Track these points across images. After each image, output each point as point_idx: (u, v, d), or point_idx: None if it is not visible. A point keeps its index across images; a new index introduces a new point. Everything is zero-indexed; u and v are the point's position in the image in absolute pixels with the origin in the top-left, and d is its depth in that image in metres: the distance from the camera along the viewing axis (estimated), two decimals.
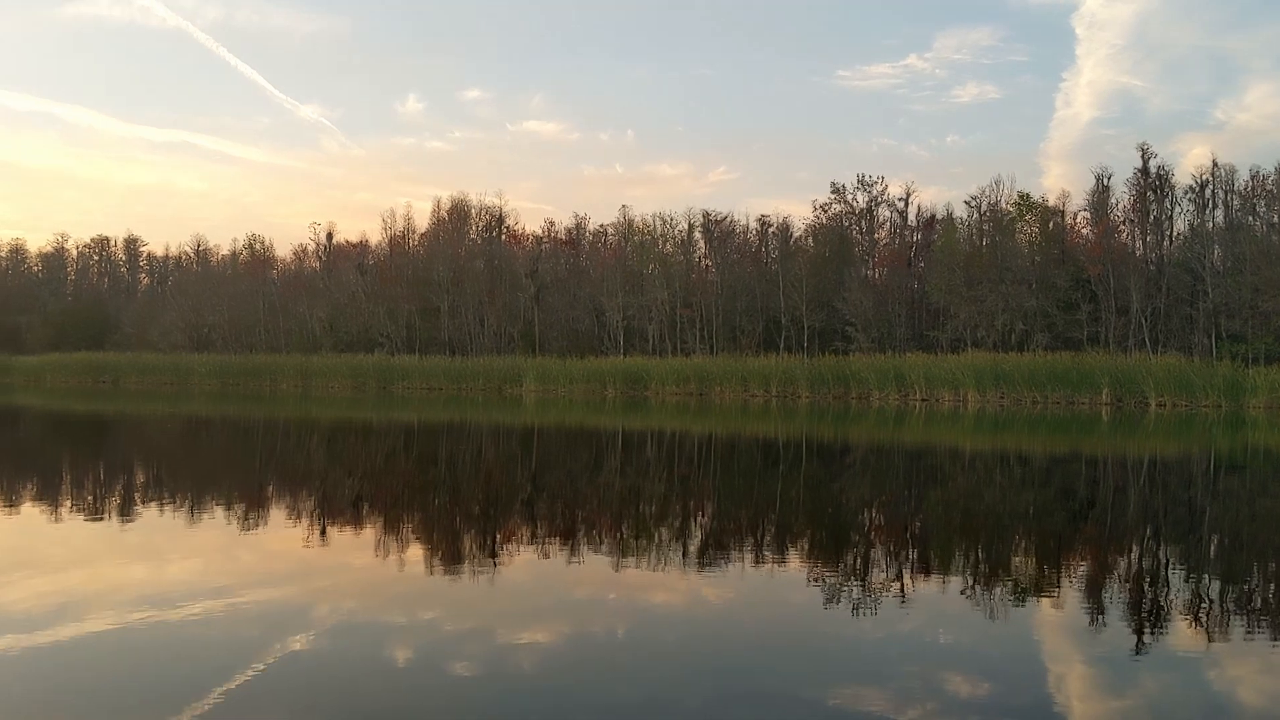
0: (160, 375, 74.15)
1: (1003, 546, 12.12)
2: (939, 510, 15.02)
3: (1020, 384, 48.27)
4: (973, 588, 9.46)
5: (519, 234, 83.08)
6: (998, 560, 11.16)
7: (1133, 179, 62.52)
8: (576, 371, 60.38)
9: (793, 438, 29.00)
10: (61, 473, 19.34)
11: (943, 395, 49.91)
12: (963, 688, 6.45)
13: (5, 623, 7.52)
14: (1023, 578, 10.03)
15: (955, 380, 49.77)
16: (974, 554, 11.62)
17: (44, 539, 11.43)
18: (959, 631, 7.94)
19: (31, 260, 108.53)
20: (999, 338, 59.28)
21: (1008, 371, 48.98)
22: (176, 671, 6.51)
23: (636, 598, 8.89)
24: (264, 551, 10.90)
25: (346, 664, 6.75)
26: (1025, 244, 65.21)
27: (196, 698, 5.90)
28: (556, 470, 20.52)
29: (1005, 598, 9.00)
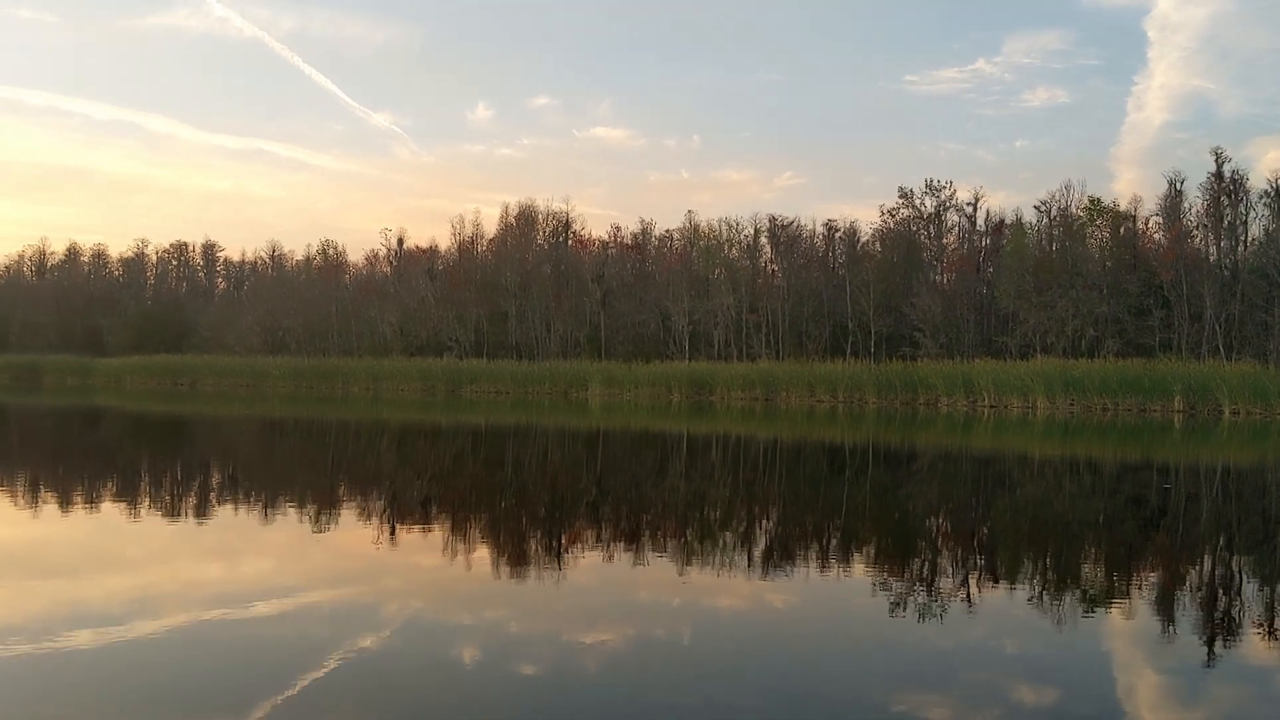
0: (236, 378, 75.74)
1: (1072, 554, 11.92)
2: (1007, 517, 14.82)
3: (1091, 390, 47.31)
4: (1041, 596, 9.33)
5: (585, 239, 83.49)
6: (1066, 568, 10.99)
7: (1206, 183, 60.89)
8: (642, 376, 60.45)
9: (859, 443, 28.76)
10: (140, 473, 19.87)
11: (1011, 402, 49.11)
12: (1029, 697, 6.38)
13: (85, 619, 7.75)
14: (1092, 586, 9.87)
15: (1024, 386, 48.95)
16: (1042, 562, 11.45)
17: (123, 537, 11.76)
18: (1026, 640, 7.84)
19: (113, 265, 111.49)
20: (1069, 344, 58.19)
21: (1078, 378, 48.02)
22: (250, 668, 6.67)
23: (701, 602, 8.90)
24: (335, 551, 11.11)
25: (414, 663, 6.86)
26: (1096, 249, 63.95)
27: (269, 694, 6.03)
28: (621, 474, 20.60)
29: (1074, 606, 8.87)
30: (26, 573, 9.57)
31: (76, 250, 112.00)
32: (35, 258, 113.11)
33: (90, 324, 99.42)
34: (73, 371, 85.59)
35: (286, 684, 6.23)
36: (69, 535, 11.87)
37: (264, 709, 5.78)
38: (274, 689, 6.13)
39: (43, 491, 16.13)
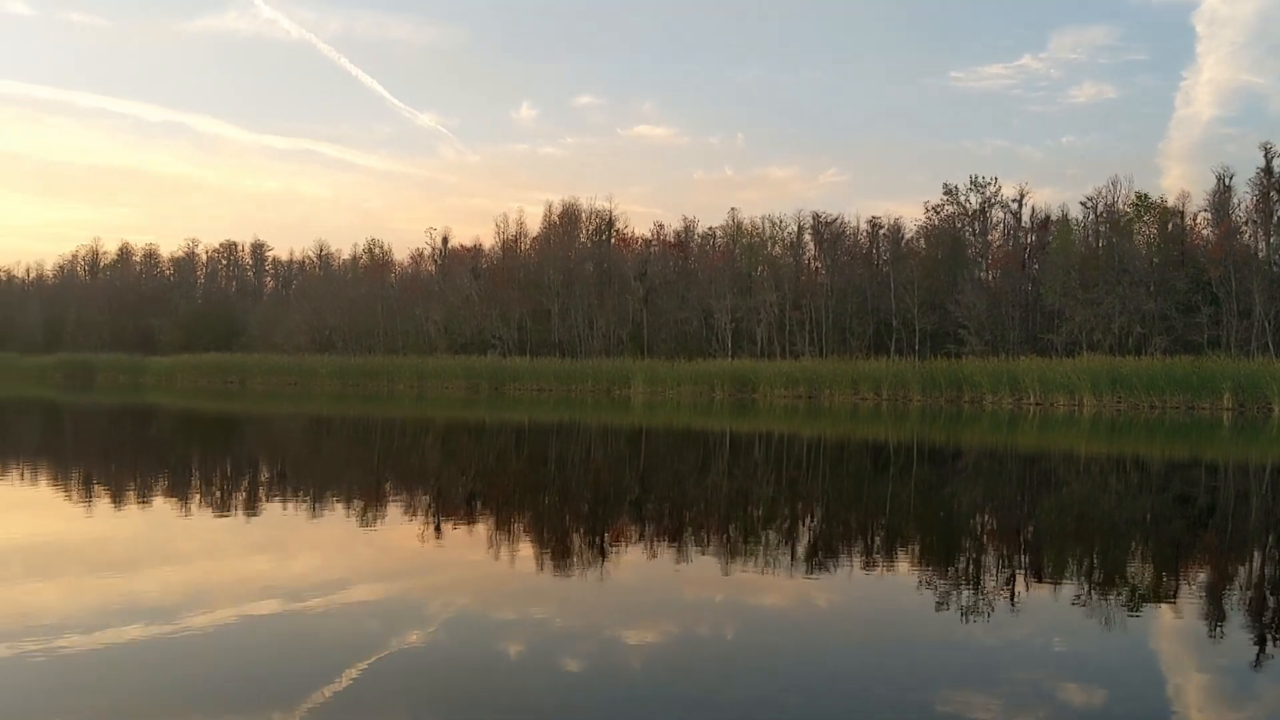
0: (284, 376, 76.70)
1: (1119, 553, 11.79)
2: (1053, 515, 14.68)
3: (1138, 388, 46.68)
4: (1088, 594, 9.24)
5: (628, 237, 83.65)
6: (1113, 567, 10.87)
7: (1255, 179, 59.75)
8: (684, 374, 60.44)
9: (903, 441, 28.59)
10: (192, 469, 20.21)
11: (1057, 399, 48.56)
12: (1076, 696, 6.33)
13: (137, 612, 7.89)
14: (1140, 585, 9.76)
15: (1070, 384, 48.39)
16: (1089, 560, 11.33)
17: (175, 532, 11.99)
18: (1073, 638, 7.78)
19: (164, 265, 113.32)
20: (1115, 341, 57.43)
21: (1125, 375, 47.39)
22: (299, 662, 6.78)
23: (744, 599, 8.91)
24: (382, 547, 11.25)
25: (460, 658, 6.93)
26: (1143, 245, 63.10)
27: (318, 688, 6.12)
28: (664, 471, 20.64)
29: (1121, 605, 8.78)
30: (82, 567, 9.77)
31: (128, 250, 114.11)
32: (88, 258, 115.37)
33: (142, 323, 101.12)
34: (125, 370, 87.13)
35: (334, 678, 6.32)
36: (123, 530, 12.11)
37: (313, 702, 5.88)
38: (322, 682, 6.22)
39: (97, 488, 16.46)
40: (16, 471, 18.75)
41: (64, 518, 13.00)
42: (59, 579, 9.22)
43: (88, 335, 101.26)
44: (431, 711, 5.87)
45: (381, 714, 5.78)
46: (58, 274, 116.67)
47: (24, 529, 12.16)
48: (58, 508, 14.11)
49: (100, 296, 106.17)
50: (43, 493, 15.95)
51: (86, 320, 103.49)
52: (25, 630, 7.23)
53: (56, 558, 10.30)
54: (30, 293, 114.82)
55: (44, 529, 12.16)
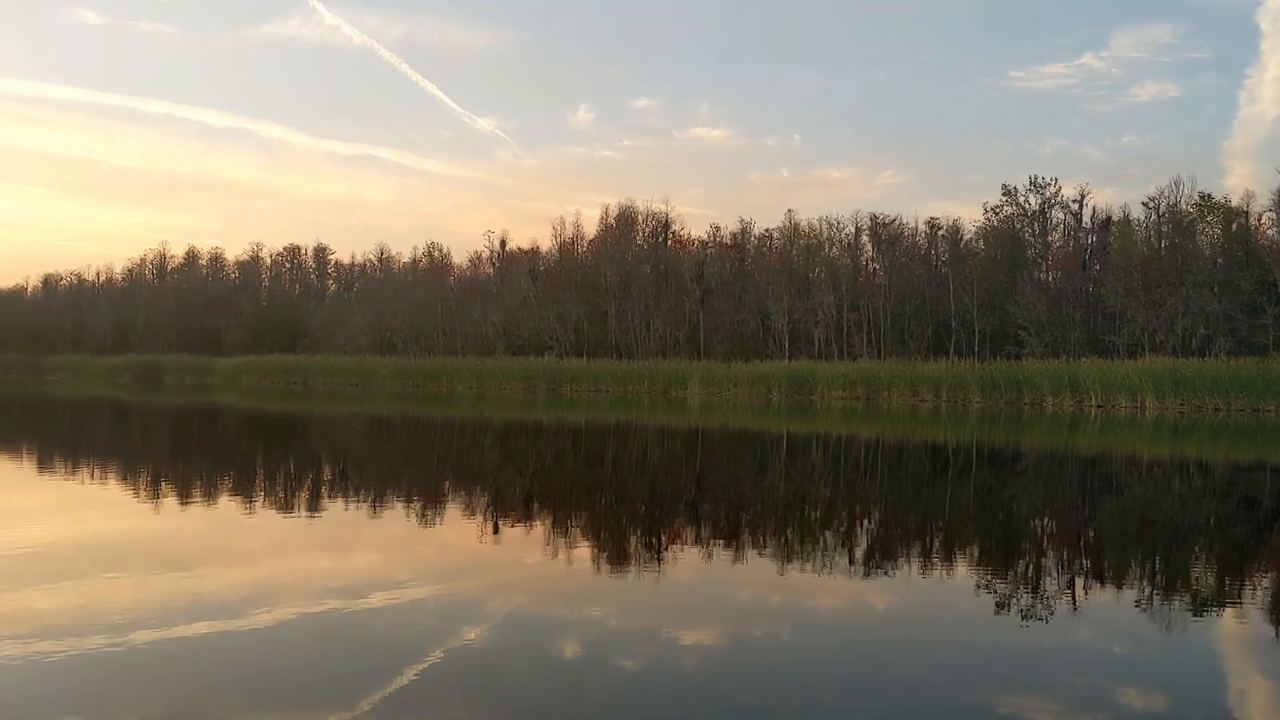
0: (346, 377, 77.80)
1: (1181, 557, 11.57)
2: (1114, 519, 14.45)
3: (1201, 390, 45.67)
4: (1149, 599, 9.10)
5: (685, 239, 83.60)
6: (1176, 571, 10.68)
7: None
8: (741, 375, 60.28)
9: (962, 443, 28.28)
10: (256, 468, 20.60)
11: (1119, 401, 47.69)
12: (1137, 701, 6.24)
13: (203, 610, 8.07)
14: (1202, 589, 9.58)
15: (1132, 386, 47.53)
16: (1150, 564, 11.15)
17: (239, 530, 12.23)
18: (1133, 643, 7.67)
19: (229, 268, 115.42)
20: (1179, 342, 56.25)
21: (1188, 377, 46.40)
22: (359, 658, 6.88)
23: (801, 601, 8.90)
24: (440, 546, 11.39)
25: (517, 656, 7.01)
26: (1207, 246, 61.68)
27: (378, 685, 6.23)
28: (721, 473, 20.63)
29: (1183, 609, 8.63)
30: (150, 565, 10.00)
31: (195, 254, 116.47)
32: (156, 261, 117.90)
33: (208, 324, 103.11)
34: (192, 370, 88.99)
35: (394, 675, 6.42)
36: (189, 528, 12.38)
37: (373, 698, 5.98)
38: (382, 679, 6.32)
39: (164, 486, 16.84)
40: (87, 470, 19.25)
41: (132, 515, 13.33)
42: (127, 575, 9.45)
43: (156, 337, 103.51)
44: (489, 709, 5.94)
45: (440, 711, 5.87)
46: (127, 277, 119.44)
47: (94, 526, 12.50)
48: (126, 506, 14.48)
49: (168, 299, 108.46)
50: (112, 491, 16.37)
51: (154, 322, 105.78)
52: (94, 625, 7.43)
53: (125, 555, 10.56)
54: (100, 295, 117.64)
55: (113, 527, 12.49)
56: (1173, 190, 64.18)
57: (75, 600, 8.32)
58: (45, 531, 12.00)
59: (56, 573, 9.42)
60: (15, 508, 14.10)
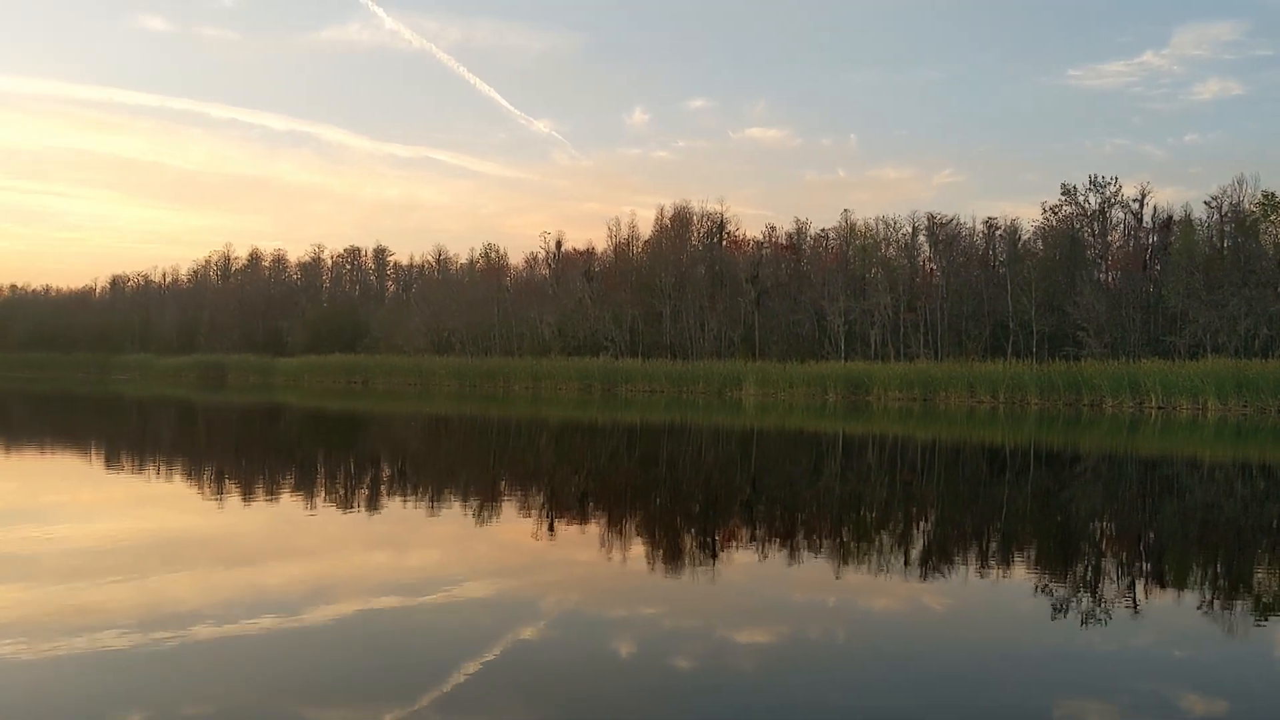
0: (405, 377, 78.66)
1: (1244, 561, 11.31)
2: (1175, 522, 14.17)
3: (1265, 392, 44.52)
4: (1210, 603, 8.92)
5: (740, 239, 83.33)
6: (1238, 575, 10.45)
7: None
8: (797, 376, 59.97)
9: (1020, 445, 27.89)
10: (317, 466, 20.90)
11: (1180, 403, 46.70)
12: (1198, 706, 6.12)
13: (265, 605, 8.21)
14: (1265, 594, 9.37)
15: (1194, 388, 46.51)
16: (1212, 568, 10.92)
17: (300, 527, 12.43)
18: (1195, 648, 7.52)
19: (291, 269, 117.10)
20: (1241, 343, 54.97)
21: (1251, 379, 45.27)
22: (416, 654, 6.96)
23: (856, 602, 8.84)
24: (497, 544, 11.48)
25: (572, 654, 7.05)
26: (1270, 246, 60.17)
27: (435, 681, 6.29)
28: (776, 473, 20.56)
29: (1246, 614, 8.44)
30: (213, 561, 10.20)
31: (258, 255, 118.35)
32: (220, 263, 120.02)
33: (271, 325, 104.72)
34: (255, 370, 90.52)
35: (451, 671, 6.49)
36: (251, 525, 12.62)
37: (432, 695, 6.05)
38: (439, 675, 6.39)
39: (227, 484, 17.17)
40: (153, 468, 19.68)
41: (196, 512, 13.61)
42: (191, 571, 9.64)
43: (220, 337, 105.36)
44: (544, 706, 5.98)
45: (495, 707, 5.92)
46: (192, 278, 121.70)
47: (159, 523, 12.78)
48: (191, 503, 14.78)
49: (232, 300, 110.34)
50: (177, 488, 16.72)
51: (219, 322, 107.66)
52: (159, 619, 7.59)
53: (189, 550, 10.77)
54: (166, 296, 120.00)
55: (178, 523, 12.75)
56: (1235, 189, 62.85)
57: (140, 595, 8.51)
58: (112, 527, 12.29)
59: (123, 568, 9.64)
60: (84, 504, 14.46)
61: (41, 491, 15.84)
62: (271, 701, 5.94)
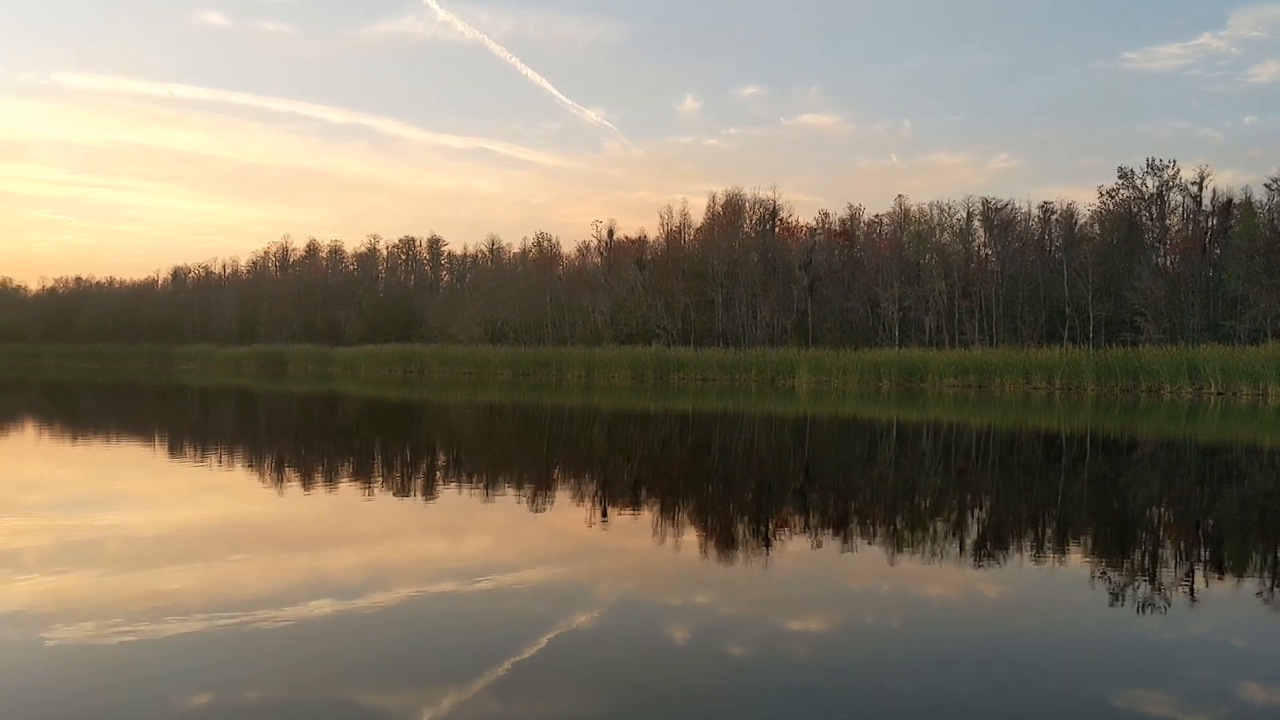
0: (460, 366, 79.39)
1: None
2: (1234, 509, 13.90)
3: None
4: (1271, 590, 8.75)
5: (793, 227, 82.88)
6: None
7: None
8: (850, 363, 59.61)
9: (1077, 431, 27.50)
10: (374, 454, 21.18)
11: (1240, 389, 45.72)
12: (1258, 695, 6.02)
13: (324, 590, 8.35)
14: None
15: (1255, 373, 45.50)
16: (1272, 555, 10.70)
17: (357, 514, 12.61)
18: (1255, 636, 7.38)
19: (348, 260, 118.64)
20: None
21: None
22: (472, 640, 7.04)
23: (910, 590, 8.79)
24: (551, 531, 11.57)
25: (626, 640, 7.09)
26: None
27: (490, 665, 6.37)
28: (829, 461, 20.48)
29: None
30: (274, 547, 10.40)
31: (316, 247, 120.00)
32: (279, 254, 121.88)
33: (328, 315, 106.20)
34: (313, 360, 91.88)
35: (506, 656, 6.56)
36: (310, 511, 12.83)
37: (486, 679, 6.13)
38: (494, 660, 6.47)
39: (287, 471, 17.46)
40: (215, 456, 20.07)
41: (257, 500, 13.87)
42: (252, 557, 9.83)
43: (279, 327, 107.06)
44: (598, 693, 6.03)
45: (550, 693, 5.99)
46: (251, 269, 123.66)
47: (222, 510, 13.04)
48: (252, 490, 15.07)
49: (290, 291, 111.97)
50: (238, 476, 17.05)
51: (278, 313, 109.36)
52: (221, 604, 7.75)
53: (250, 537, 10.99)
54: (227, 287, 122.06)
55: (239, 510, 13.01)
56: None
57: (204, 580, 8.70)
58: (176, 515, 12.58)
59: (187, 554, 9.87)
60: (149, 492, 14.80)
61: (108, 480, 16.23)
62: (331, 684, 6.05)
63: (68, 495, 14.27)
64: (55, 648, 6.62)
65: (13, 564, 9.16)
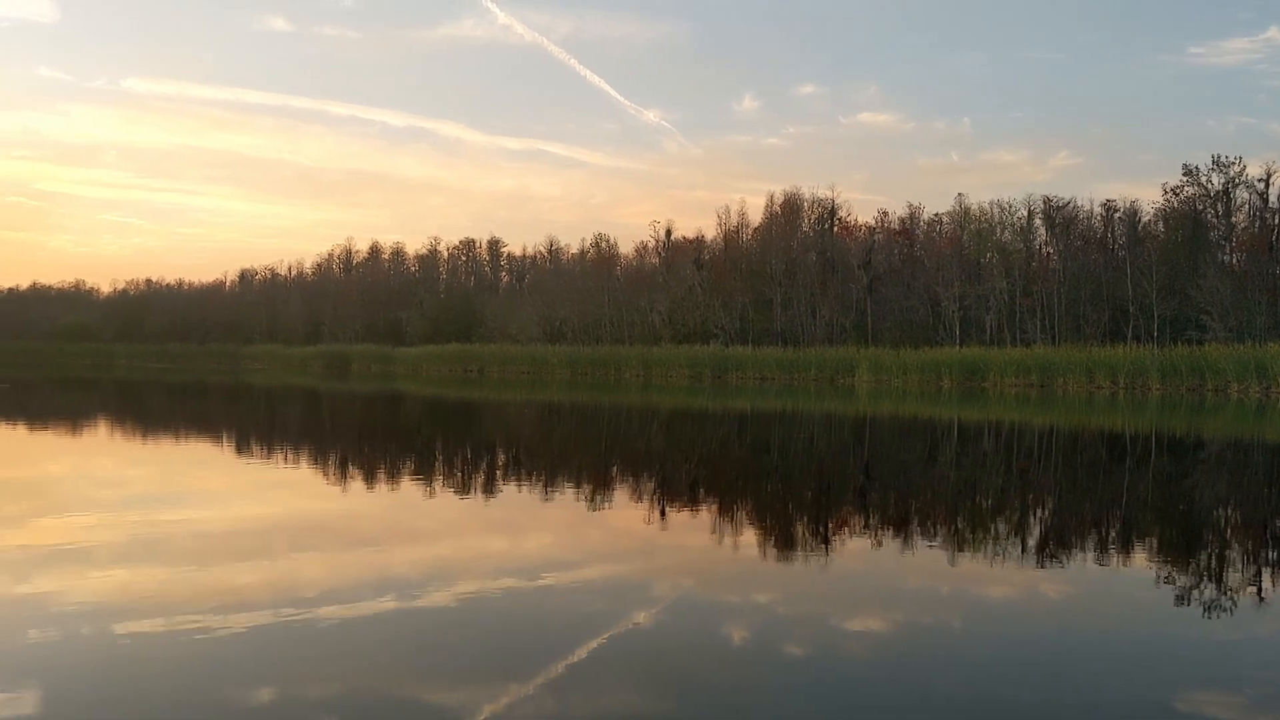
0: (519, 365, 79.95)
1: None
2: None
3: None
4: None
5: (851, 225, 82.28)
6: None
7: None
8: (910, 362, 59.05)
9: (1141, 431, 26.98)
10: (435, 452, 21.42)
11: None
12: None
13: (387, 586, 8.45)
14: None
15: None
16: None
17: (420, 511, 12.76)
18: None
19: (409, 261, 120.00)
20: None
21: None
22: (531, 637, 7.09)
23: (971, 590, 8.71)
24: (609, 529, 11.62)
25: (685, 639, 7.10)
26: None
27: (550, 662, 6.42)
28: (889, 460, 20.31)
29: None
30: (339, 543, 10.55)
31: (378, 248, 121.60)
32: (343, 256, 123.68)
33: (391, 316, 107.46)
34: (376, 359, 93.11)
35: (566, 653, 6.60)
36: (373, 509, 13.02)
37: (545, 675, 6.17)
38: (554, 657, 6.51)
39: (351, 469, 17.73)
40: (281, 453, 20.43)
41: (322, 498, 14.09)
42: (317, 553, 10.00)
43: (343, 327, 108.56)
44: (657, 690, 6.05)
45: (609, 689, 6.03)
46: (316, 271, 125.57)
47: (287, 507, 13.28)
48: (316, 487, 15.32)
49: (354, 292, 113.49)
50: (303, 473, 17.34)
51: (342, 314, 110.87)
52: (289, 600, 7.89)
53: (314, 533, 11.18)
54: (292, 289, 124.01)
55: (304, 506, 13.23)
56: None
57: (269, 575, 8.87)
58: (243, 511, 12.84)
59: (253, 549, 10.07)
60: (216, 489, 15.11)
61: (175, 477, 16.59)
62: (393, 679, 6.15)
63: (138, 492, 14.61)
64: (125, 640, 6.80)
65: (86, 559, 9.41)
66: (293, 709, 5.61)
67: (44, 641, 6.74)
